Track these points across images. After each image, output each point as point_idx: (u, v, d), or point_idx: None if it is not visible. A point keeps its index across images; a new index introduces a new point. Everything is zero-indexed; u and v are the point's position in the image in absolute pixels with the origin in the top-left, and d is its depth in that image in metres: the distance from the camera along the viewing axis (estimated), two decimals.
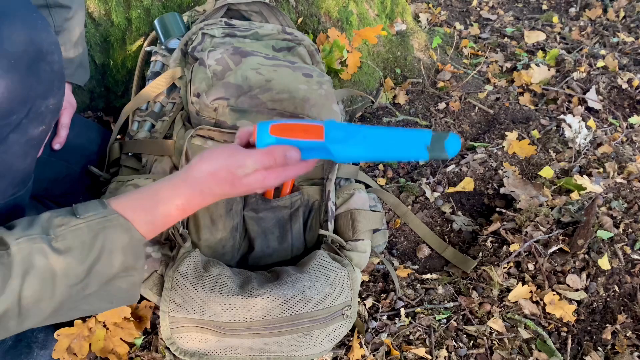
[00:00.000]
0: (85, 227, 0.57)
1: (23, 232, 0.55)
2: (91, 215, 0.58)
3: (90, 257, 0.56)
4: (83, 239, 0.56)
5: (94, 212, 0.58)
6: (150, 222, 0.61)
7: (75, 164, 1.02)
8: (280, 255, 0.93)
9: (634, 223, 1.08)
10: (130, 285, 0.62)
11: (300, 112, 0.96)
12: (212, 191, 0.63)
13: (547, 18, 2.14)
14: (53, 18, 0.90)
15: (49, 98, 0.62)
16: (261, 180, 0.64)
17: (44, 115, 0.63)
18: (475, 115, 1.53)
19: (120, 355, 0.88)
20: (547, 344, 0.94)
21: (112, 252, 0.58)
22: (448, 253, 1.15)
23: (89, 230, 0.57)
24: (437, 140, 0.61)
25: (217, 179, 0.63)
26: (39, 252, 0.54)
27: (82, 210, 0.58)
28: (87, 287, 0.57)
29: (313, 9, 1.44)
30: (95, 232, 0.57)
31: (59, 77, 0.63)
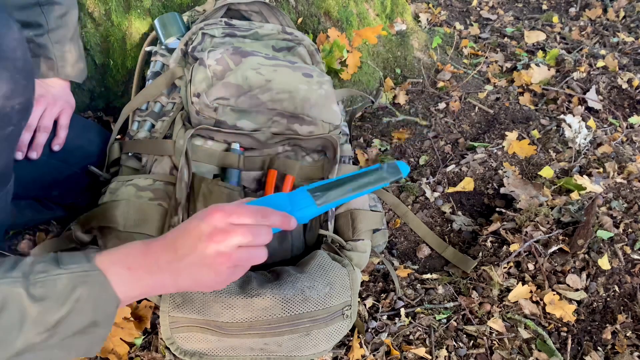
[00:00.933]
0: (65, 278, 0.55)
1: (4, 274, 0.53)
2: (74, 267, 0.56)
3: (64, 309, 0.55)
4: (61, 289, 0.55)
5: (77, 265, 0.57)
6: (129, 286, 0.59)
7: (74, 164, 1.01)
8: (280, 255, 0.93)
9: (634, 223, 1.08)
10: (93, 341, 0.59)
11: (300, 112, 0.96)
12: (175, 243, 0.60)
13: (547, 18, 2.14)
14: (46, 16, 0.89)
15: (15, 98, 0.60)
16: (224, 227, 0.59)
17: (10, 116, 0.61)
18: (475, 115, 1.53)
19: (120, 355, 0.88)
20: (547, 344, 0.94)
21: (84, 307, 0.56)
22: (448, 253, 1.15)
23: (68, 282, 0.55)
24: (391, 167, 0.74)
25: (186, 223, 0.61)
26: (15, 296, 0.52)
27: (66, 260, 0.57)
28: (51, 337, 0.55)
29: (313, 9, 1.44)
30: (74, 284, 0.55)
31: (25, 75, 0.61)
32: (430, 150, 1.42)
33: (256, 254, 0.61)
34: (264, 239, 0.61)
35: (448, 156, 1.40)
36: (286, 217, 0.64)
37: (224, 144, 0.97)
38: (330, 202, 0.69)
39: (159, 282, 0.60)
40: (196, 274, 0.60)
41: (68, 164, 1.00)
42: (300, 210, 0.67)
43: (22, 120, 0.66)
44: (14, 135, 0.65)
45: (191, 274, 0.60)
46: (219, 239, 0.58)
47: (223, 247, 0.58)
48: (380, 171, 0.74)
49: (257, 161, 1.00)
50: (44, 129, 0.93)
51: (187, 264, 0.59)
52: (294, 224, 0.65)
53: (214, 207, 0.60)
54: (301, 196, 0.69)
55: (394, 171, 0.75)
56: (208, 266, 0.59)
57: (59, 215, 1.09)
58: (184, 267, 0.59)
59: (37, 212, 1.05)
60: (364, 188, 0.72)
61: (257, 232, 0.60)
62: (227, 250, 0.58)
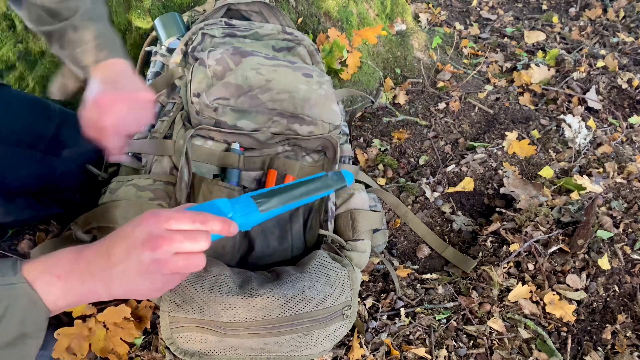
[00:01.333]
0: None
1: None
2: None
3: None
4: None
5: (1, 277, 0.54)
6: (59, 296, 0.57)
7: (70, 161, 1.01)
8: (280, 255, 0.93)
9: (634, 223, 1.08)
10: (23, 353, 0.57)
11: (300, 112, 0.96)
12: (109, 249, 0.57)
13: (547, 18, 2.14)
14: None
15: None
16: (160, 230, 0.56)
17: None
18: (475, 115, 1.53)
19: (120, 355, 0.88)
20: (547, 344, 0.94)
21: (11, 320, 0.54)
22: (448, 253, 1.15)
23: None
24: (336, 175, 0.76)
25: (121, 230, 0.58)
26: None
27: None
28: None
29: (313, 9, 1.44)
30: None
31: None
32: (430, 150, 1.42)
33: (193, 261, 0.59)
34: (201, 246, 0.58)
35: (448, 156, 1.40)
36: (226, 223, 0.61)
37: (224, 144, 0.97)
38: (273, 208, 0.68)
39: (92, 290, 0.58)
40: (130, 282, 0.57)
41: (64, 160, 1.00)
42: (243, 216, 0.66)
43: None
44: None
45: (124, 282, 0.57)
46: (153, 245, 0.55)
47: (158, 254, 0.55)
48: (325, 179, 0.75)
49: (257, 161, 1.00)
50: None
51: (120, 272, 0.56)
52: (234, 230, 0.62)
53: (149, 213, 0.58)
54: (244, 202, 0.67)
55: (339, 179, 0.76)
56: (142, 274, 0.56)
57: (57, 213, 1.09)
58: (117, 275, 0.57)
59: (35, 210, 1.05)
60: (308, 195, 0.72)
61: (194, 238, 0.58)
62: (162, 257, 0.56)
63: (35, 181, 0.98)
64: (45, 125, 0.96)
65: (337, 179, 0.76)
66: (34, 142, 0.94)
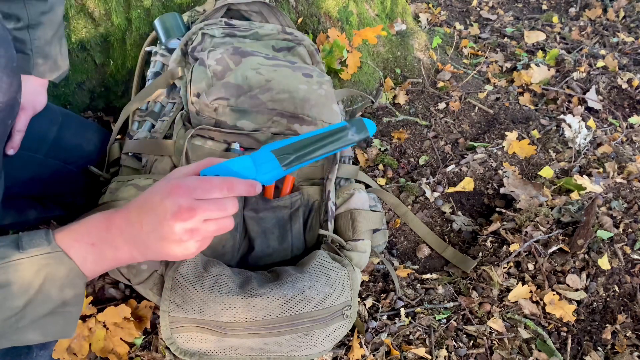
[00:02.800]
0: (27, 262, 0.55)
1: None
2: (34, 250, 0.56)
3: (29, 293, 0.55)
4: (23, 274, 0.55)
5: (37, 247, 0.56)
6: (95, 262, 0.59)
7: (72, 163, 1.01)
8: (280, 255, 0.93)
9: (634, 223, 1.08)
10: (66, 320, 0.60)
11: (300, 112, 0.96)
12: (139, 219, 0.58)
13: (547, 18, 2.14)
14: (28, 10, 0.87)
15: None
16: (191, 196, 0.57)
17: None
18: (475, 115, 1.53)
19: (120, 355, 0.88)
20: (547, 344, 0.94)
21: (51, 289, 0.56)
22: (448, 253, 1.15)
23: (30, 266, 0.55)
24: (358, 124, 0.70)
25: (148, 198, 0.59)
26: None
27: (26, 243, 0.56)
28: (21, 319, 0.56)
29: (313, 9, 1.44)
30: (36, 268, 0.55)
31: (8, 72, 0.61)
32: (430, 150, 1.42)
33: (223, 225, 0.60)
34: (230, 211, 0.60)
35: (448, 156, 1.40)
36: (252, 185, 0.62)
37: (224, 144, 0.97)
38: (296, 163, 0.66)
39: (127, 255, 0.60)
40: (164, 248, 0.59)
41: (66, 163, 1.00)
42: (265, 174, 0.65)
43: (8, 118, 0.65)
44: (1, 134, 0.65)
45: (159, 248, 0.59)
46: (185, 217, 0.57)
47: (190, 224, 0.57)
48: (346, 130, 0.71)
49: None
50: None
51: (155, 240, 0.58)
52: (259, 190, 0.63)
53: (176, 183, 0.59)
54: (266, 159, 0.65)
55: (361, 129, 0.71)
56: (176, 242, 0.58)
57: (59, 215, 1.09)
58: (152, 242, 0.58)
59: (37, 212, 1.05)
60: (330, 148, 0.69)
61: (223, 205, 0.59)
62: (194, 226, 0.57)
63: (37, 184, 0.98)
64: (47, 129, 0.96)
65: (359, 129, 0.71)
66: (36, 145, 0.94)
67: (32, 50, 0.90)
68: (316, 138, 0.69)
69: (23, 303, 0.55)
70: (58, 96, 1.26)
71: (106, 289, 0.97)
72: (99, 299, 0.96)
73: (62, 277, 0.57)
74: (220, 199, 0.59)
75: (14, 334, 0.57)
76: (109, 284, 0.97)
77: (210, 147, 0.97)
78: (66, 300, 0.58)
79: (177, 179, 0.60)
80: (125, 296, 0.97)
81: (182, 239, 0.58)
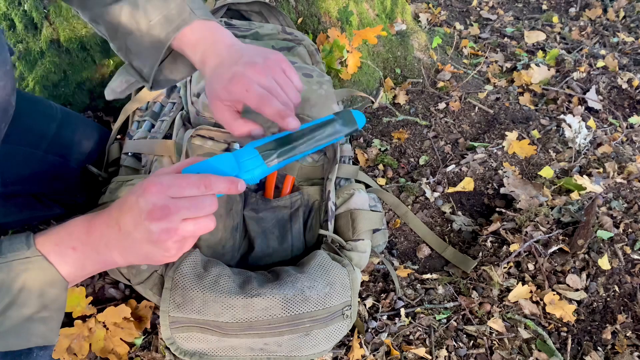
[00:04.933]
0: (5, 267, 0.54)
1: None
2: (13, 255, 0.55)
3: (7, 298, 0.54)
4: (2, 278, 0.54)
5: (16, 252, 0.55)
6: (76, 266, 0.58)
7: (71, 160, 1.01)
8: (280, 255, 0.93)
9: (634, 223, 1.08)
10: (47, 326, 0.58)
11: (300, 112, 0.96)
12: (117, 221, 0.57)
13: (547, 18, 2.14)
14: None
15: None
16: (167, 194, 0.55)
17: None
18: (475, 115, 1.53)
19: (120, 355, 0.88)
20: (547, 344, 0.94)
21: (30, 294, 0.55)
22: (448, 253, 1.15)
23: (9, 271, 0.54)
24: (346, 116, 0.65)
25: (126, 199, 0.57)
26: None
27: (6, 248, 0.55)
28: (0, 325, 0.55)
29: (313, 9, 1.44)
30: (15, 273, 0.54)
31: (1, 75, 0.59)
32: (430, 150, 1.42)
33: (202, 225, 0.58)
34: (208, 209, 0.57)
35: (448, 156, 1.40)
36: (232, 183, 0.60)
37: (224, 144, 0.97)
38: (281, 160, 0.63)
39: (108, 259, 0.58)
40: (143, 251, 0.57)
41: (64, 159, 1.00)
42: (248, 171, 0.62)
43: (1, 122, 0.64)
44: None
45: (138, 251, 0.57)
46: (158, 215, 0.54)
47: (165, 224, 0.55)
48: (334, 122, 0.67)
49: None
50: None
51: (133, 242, 0.56)
52: (242, 188, 0.60)
53: (149, 181, 0.56)
54: (249, 156, 0.63)
55: (349, 121, 0.67)
56: (153, 243, 0.56)
57: (58, 213, 1.09)
58: (130, 245, 0.57)
59: (36, 210, 1.05)
60: (316, 142, 0.65)
61: (200, 204, 0.57)
62: (170, 226, 0.55)
63: (37, 181, 0.98)
64: (46, 125, 0.96)
65: (347, 122, 0.67)
66: (36, 141, 0.94)
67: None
68: (301, 132, 0.66)
69: (1, 308, 0.54)
70: (58, 96, 1.26)
71: (106, 289, 0.97)
72: (99, 299, 0.96)
73: (41, 282, 0.56)
74: (197, 197, 0.57)
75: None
76: (109, 284, 0.97)
77: (210, 147, 0.97)
78: (46, 305, 0.57)
79: (152, 177, 0.58)
80: (125, 296, 0.97)
81: (160, 239, 0.55)
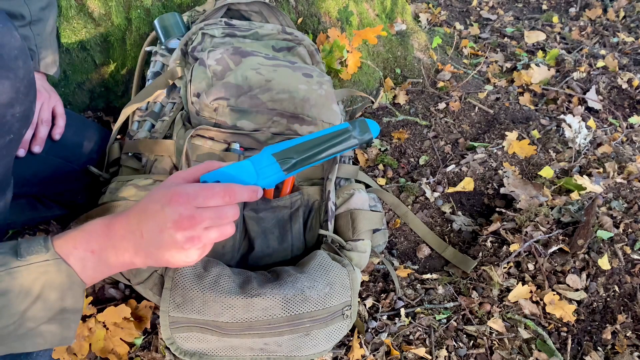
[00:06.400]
0: (25, 270, 0.55)
1: None
2: (33, 258, 0.56)
3: (28, 300, 0.55)
4: (22, 281, 0.55)
5: (36, 254, 0.56)
6: (94, 269, 0.59)
7: (73, 161, 1.01)
8: (280, 255, 0.93)
9: (634, 223, 1.08)
10: (65, 327, 0.59)
11: (300, 112, 0.96)
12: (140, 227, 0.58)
13: (547, 18, 2.14)
14: (29, 6, 0.87)
15: (16, 106, 0.60)
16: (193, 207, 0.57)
17: (11, 125, 0.61)
18: (475, 115, 1.53)
19: (120, 355, 0.88)
20: (547, 344, 0.94)
21: (50, 296, 0.56)
22: (448, 253, 1.15)
23: (28, 274, 0.55)
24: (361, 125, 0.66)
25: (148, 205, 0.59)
26: None
27: (25, 250, 0.56)
28: (20, 327, 0.56)
29: (313, 9, 1.44)
30: (35, 275, 0.55)
31: (26, 84, 0.61)
32: (430, 150, 1.42)
33: (224, 232, 0.60)
34: (231, 218, 0.60)
35: (448, 156, 1.40)
36: (254, 192, 0.62)
37: (224, 144, 0.97)
38: (297, 168, 0.65)
39: (127, 261, 0.60)
40: (165, 256, 0.59)
41: (67, 161, 1.00)
42: (266, 178, 0.64)
43: (23, 128, 0.66)
44: (14, 144, 0.65)
45: (160, 255, 0.59)
46: (186, 225, 0.56)
47: (191, 233, 0.57)
48: (349, 132, 0.68)
49: None
50: (45, 122, 0.92)
51: (156, 247, 0.58)
52: (260, 194, 0.63)
53: (176, 191, 0.58)
54: (266, 162, 0.64)
55: (364, 130, 0.68)
56: (177, 250, 0.58)
57: (58, 214, 1.09)
58: (153, 250, 0.58)
59: (37, 211, 1.05)
60: (333, 150, 0.67)
61: (224, 214, 0.59)
62: (195, 234, 0.57)
63: (39, 182, 0.98)
64: None
65: (363, 131, 0.68)
66: None
67: (36, 46, 0.90)
68: (319, 141, 0.67)
69: (22, 310, 0.55)
70: None
71: (106, 289, 0.97)
72: (99, 299, 0.96)
73: (61, 284, 0.57)
74: (221, 207, 0.59)
75: (14, 342, 0.57)
76: (109, 284, 0.97)
77: (210, 147, 0.96)
78: (65, 307, 0.58)
79: (177, 186, 0.59)
80: (125, 296, 0.97)
81: (184, 247, 0.57)
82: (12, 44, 0.59)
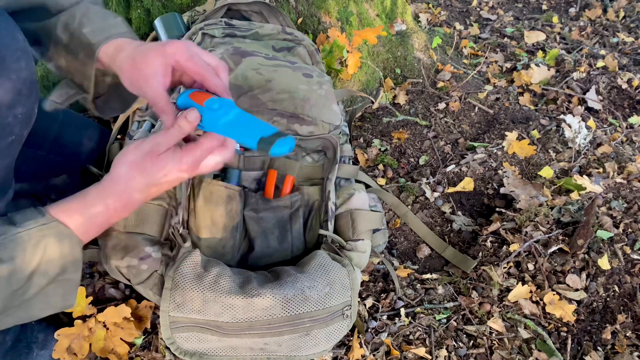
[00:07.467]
0: (25, 235, 0.58)
1: None
2: (30, 223, 0.59)
3: (32, 264, 0.58)
4: (24, 246, 0.57)
5: (32, 220, 0.59)
6: (84, 224, 0.63)
7: (73, 160, 1.02)
8: (280, 255, 0.93)
9: (634, 223, 1.08)
10: (66, 288, 0.63)
11: (300, 112, 0.96)
12: (135, 182, 0.63)
13: (547, 18, 2.14)
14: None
15: (17, 107, 0.61)
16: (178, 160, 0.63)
17: (12, 126, 0.62)
18: (475, 115, 1.53)
19: (120, 355, 0.88)
20: (547, 344, 0.94)
21: (51, 257, 0.59)
22: (448, 253, 1.15)
23: (29, 239, 0.58)
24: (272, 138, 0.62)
25: (135, 166, 0.63)
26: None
27: (20, 219, 0.59)
28: (26, 291, 0.59)
29: (313, 9, 1.44)
30: (36, 240, 0.58)
31: (28, 85, 0.62)
32: (430, 150, 1.42)
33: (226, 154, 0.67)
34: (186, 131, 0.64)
35: (448, 156, 1.40)
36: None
37: None
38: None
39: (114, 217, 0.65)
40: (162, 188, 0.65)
41: (66, 159, 1.00)
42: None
43: (24, 129, 0.66)
44: (15, 145, 0.66)
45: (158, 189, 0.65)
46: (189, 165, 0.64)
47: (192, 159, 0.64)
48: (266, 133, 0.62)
49: (257, 161, 1.00)
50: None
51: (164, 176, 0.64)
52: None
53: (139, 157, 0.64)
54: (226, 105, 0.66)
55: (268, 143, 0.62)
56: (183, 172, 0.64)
57: None
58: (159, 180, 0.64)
59: None
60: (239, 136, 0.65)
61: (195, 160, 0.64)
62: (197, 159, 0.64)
63: (39, 181, 0.98)
64: (48, 126, 0.96)
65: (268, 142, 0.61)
66: (38, 142, 0.94)
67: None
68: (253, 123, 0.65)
69: (27, 274, 0.58)
70: None
71: (106, 289, 0.97)
72: (99, 299, 0.96)
73: (60, 244, 0.60)
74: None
75: (20, 309, 0.59)
76: (109, 284, 0.97)
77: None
78: (66, 267, 0.61)
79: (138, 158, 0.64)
80: (125, 296, 0.97)
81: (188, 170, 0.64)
82: (15, 45, 0.59)
